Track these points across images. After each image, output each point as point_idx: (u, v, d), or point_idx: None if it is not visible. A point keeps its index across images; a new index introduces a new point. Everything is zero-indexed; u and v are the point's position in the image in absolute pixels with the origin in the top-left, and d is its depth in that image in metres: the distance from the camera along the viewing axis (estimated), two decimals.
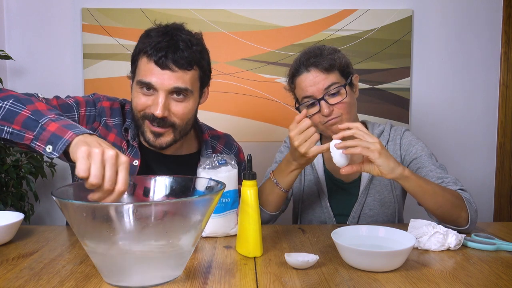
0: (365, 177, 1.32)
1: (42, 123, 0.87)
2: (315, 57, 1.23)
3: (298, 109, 1.31)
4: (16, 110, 0.90)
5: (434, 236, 0.96)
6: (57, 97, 1.13)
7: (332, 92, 1.22)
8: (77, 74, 2.12)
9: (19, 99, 0.93)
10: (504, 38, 2.16)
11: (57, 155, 0.84)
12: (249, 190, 0.94)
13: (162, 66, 1.08)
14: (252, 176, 0.95)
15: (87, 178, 0.75)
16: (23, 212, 1.84)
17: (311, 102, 1.24)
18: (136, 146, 1.18)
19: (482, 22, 2.16)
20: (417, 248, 0.98)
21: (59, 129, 0.85)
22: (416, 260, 0.91)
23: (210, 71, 1.22)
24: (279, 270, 0.85)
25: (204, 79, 1.19)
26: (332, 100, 1.23)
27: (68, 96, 1.17)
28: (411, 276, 0.82)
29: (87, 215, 0.71)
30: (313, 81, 1.22)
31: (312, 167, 1.38)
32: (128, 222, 0.71)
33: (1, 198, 1.79)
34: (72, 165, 1.04)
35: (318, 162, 1.37)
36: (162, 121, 1.11)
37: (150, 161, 1.21)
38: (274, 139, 2.14)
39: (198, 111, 1.25)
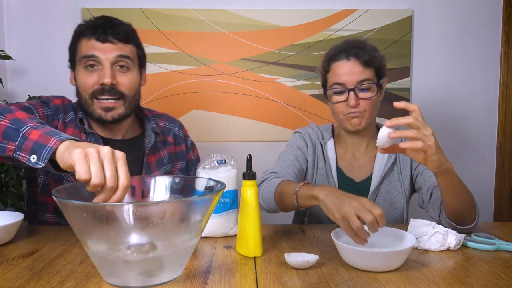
0: (376, 177, 1.33)
1: (23, 132, 0.84)
2: (358, 48, 1.25)
3: (325, 93, 1.34)
4: None
5: (434, 236, 0.96)
6: (13, 104, 1.15)
7: (363, 87, 1.25)
8: None
9: None
10: (504, 38, 2.16)
11: (43, 165, 0.81)
12: (249, 190, 0.94)
13: (103, 40, 1.16)
14: (252, 176, 0.95)
15: (88, 180, 0.73)
16: (23, 212, 1.84)
17: (340, 90, 1.26)
18: (95, 133, 1.22)
19: (482, 22, 2.16)
20: (417, 248, 0.98)
21: (42, 136, 0.83)
22: (416, 260, 0.91)
23: (145, 54, 1.30)
24: (279, 270, 0.85)
25: (142, 58, 1.27)
26: (361, 94, 1.25)
27: (18, 102, 1.19)
28: (411, 276, 0.82)
29: (87, 215, 0.71)
30: (350, 70, 1.24)
31: (325, 162, 1.37)
32: (128, 222, 0.71)
33: (1, 198, 1.79)
34: (57, 174, 1.00)
35: (332, 158, 1.37)
36: (113, 90, 1.17)
37: None
38: (274, 139, 2.14)
39: (197, 111, 1.27)
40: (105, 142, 1.24)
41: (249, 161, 0.97)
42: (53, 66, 2.12)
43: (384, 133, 0.93)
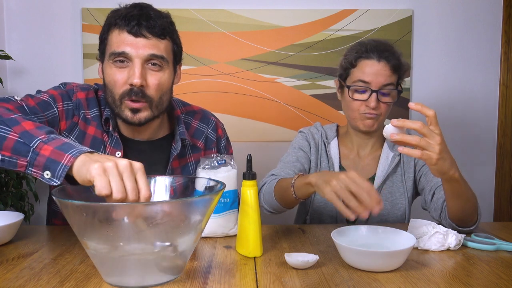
0: (379, 177, 1.33)
1: (34, 147, 0.82)
2: (388, 51, 1.26)
3: (342, 87, 1.33)
4: (1, 134, 0.84)
5: (434, 236, 0.96)
6: (31, 96, 1.08)
7: (386, 91, 1.26)
8: (77, 74, 2.12)
9: (3, 120, 0.87)
10: (504, 38, 2.16)
11: (59, 182, 0.79)
12: (249, 190, 0.94)
13: (136, 34, 1.05)
14: (252, 176, 0.95)
15: (109, 195, 0.72)
16: (23, 212, 1.84)
17: (364, 88, 1.26)
18: (117, 136, 1.14)
19: (482, 22, 2.16)
20: (417, 248, 0.98)
21: (54, 152, 0.80)
22: (416, 260, 0.91)
23: (181, 49, 1.19)
24: (279, 270, 0.85)
25: (177, 54, 1.16)
26: (383, 98, 1.26)
27: (39, 91, 1.12)
28: (411, 276, 0.82)
29: (87, 215, 0.71)
30: (379, 72, 1.24)
31: (328, 161, 1.38)
32: (128, 222, 0.71)
33: (1, 198, 1.79)
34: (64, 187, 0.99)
35: (335, 157, 1.38)
36: (140, 93, 1.07)
37: (127, 149, 1.17)
38: (274, 139, 2.14)
39: None
40: (130, 143, 1.18)
41: (249, 161, 0.97)
42: (53, 66, 2.12)
43: (387, 132, 0.94)
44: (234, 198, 1.07)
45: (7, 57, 1.88)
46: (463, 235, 1.00)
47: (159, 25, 1.07)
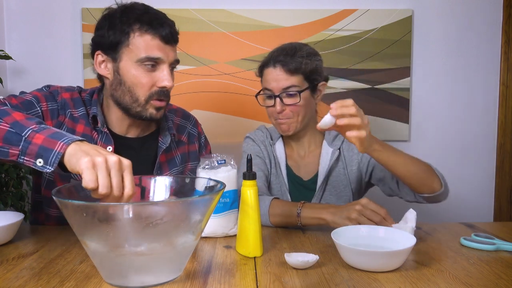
0: (321, 173, 1.37)
1: (25, 136, 0.84)
2: (286, 56, 1.29)
3: (256, 96, 1.37)
4: None
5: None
6: (14, 96, 1.11)
7: (290, 93, 1.29)
8: (77, 74, 2.12)
9: None
10: (504, 38, 2.16)
11: (52, 169, 0.81)
12: (249, 190, 0.94)
13: (168, 41, 1.13)
14: (252, 176, 0.95)
15: (95, 189, 0.75)
16: (23, 212, 1.84)
17: (269, 95, 1.33)
18: (107, 132, 1.18)
19: (482, 22, 2.16)
20: (416, 248, 0.98)
21: (46, 140, 0.82)
22: (416, 260, 0.91)
23: None
24: (279, 270, 0.85)
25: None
26: (287, 100, 1.30)
27: (23, 92, 1.15)
28: (411, 276, 0.82)
29: (87, 215, 0.71)
30: (276, 78, 1.29)
31: (275, 161, 1.40)
32: (128, 222, 0.71)
33: (1, 198, 1.79)
34: (65, 174, 1.04)
35: (281, 157, 1.41)
36: (168, 92, 1.16)
37: (117, 145, 1.20)
38: None
39: (197, 111, 1.26)
40: (119, 139, 1.21)
41: (249, 161, 0.97)
42: (53, 66, 2.12)
43: (328, 119, 1.00)
44: (234, 198, 1.07)
45: (7, 57, 1.88)
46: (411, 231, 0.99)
47: (175, 31, 1.17)
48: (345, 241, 0.88)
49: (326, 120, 1.00)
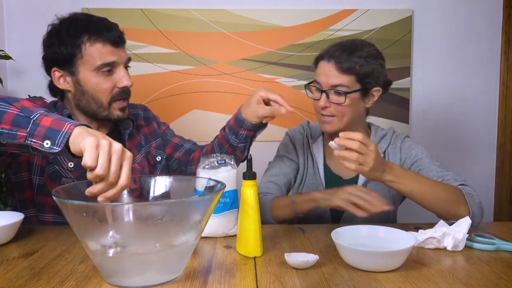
0: (362, 176, 1.33)
1: (34, 119, 0.84)
2: (342, 53, 1.25)
3: (307, 86, 1.35)
4: (2, 109, 0.87)
5: (429, 240, 0.97)
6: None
7: (338, 91, 1.25)
8: None
9: (3, 98, 0.90)
10: (504, 38, 2.16)
11: (59, 149, 0.81)
12: (249, 190, 0.94)
13: (117, 44, 1.19)
14: (252, 176, 0.95)
15: (93, 169, 0.74)
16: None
17: (317, 87, 1.30)
18: None
19: (482, 22, 2.16)
20: (416, 248, 0.98)
21: (54, 122, 0.83)
22: (416, 260, 0.91)
23: None
24: (279, 270, 0.85)
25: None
26: (333, 98, 1.26)
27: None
28: (411, 276, 0.82)
29: (87, 215, 0.71)
30: (327, 73, 1.26)
31: (313, 160, 1.39)
32: (128, 222, 0.71)
33: (1, 198, 1.79)
34: (56, 171, 1.05)
35: (319, 156, 1.39)
36: (128, 91, 1.23)
37: None
38: (274, 139, 2.13)
39: (197, 111, 1.26)
40: None
41: (249, 161, 0.97)
42: None
43: (333, 145, 1.04)
44: (234, 198, 1.07)
45: (7, 57, 1.88)
46: (463, 238, 0.98)
47: (122, 33, 1.23)
48: (345, 241, 0.88)
49: (332, 144, 1.04)
